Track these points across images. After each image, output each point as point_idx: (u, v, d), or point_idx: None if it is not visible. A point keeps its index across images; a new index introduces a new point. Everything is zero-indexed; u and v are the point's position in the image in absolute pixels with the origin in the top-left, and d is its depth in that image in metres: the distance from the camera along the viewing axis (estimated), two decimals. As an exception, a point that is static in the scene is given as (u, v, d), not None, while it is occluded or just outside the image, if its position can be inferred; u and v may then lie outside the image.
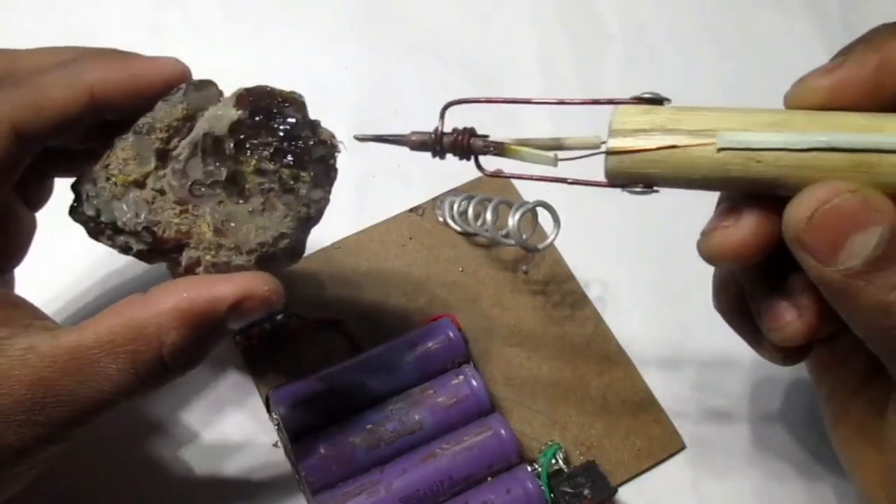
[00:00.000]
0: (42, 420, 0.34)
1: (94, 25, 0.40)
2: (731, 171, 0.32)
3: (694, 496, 0.46)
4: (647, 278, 0.53)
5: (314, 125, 0.39)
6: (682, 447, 0.47)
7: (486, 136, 0.37)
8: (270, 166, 0.38)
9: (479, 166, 0.38)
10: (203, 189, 0.38)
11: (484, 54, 0.63)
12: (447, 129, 0.38)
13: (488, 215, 0.49)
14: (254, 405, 0.47)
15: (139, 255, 0.39)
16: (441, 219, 0.53)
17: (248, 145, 0.38)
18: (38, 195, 0.43)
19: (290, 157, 0.38)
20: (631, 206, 0.54)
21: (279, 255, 0.38)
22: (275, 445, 0.46)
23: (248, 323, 0.37)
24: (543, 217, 0.50)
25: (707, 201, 0.50)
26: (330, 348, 0.49)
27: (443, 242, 0.53)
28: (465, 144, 0.37)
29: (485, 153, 0.37)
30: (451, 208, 0.53)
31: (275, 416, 0.45)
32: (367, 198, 0.55)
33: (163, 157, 0.38)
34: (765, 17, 0.65)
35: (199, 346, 0.36)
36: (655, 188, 0.34)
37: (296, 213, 0.38)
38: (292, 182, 0.38)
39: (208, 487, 0.45)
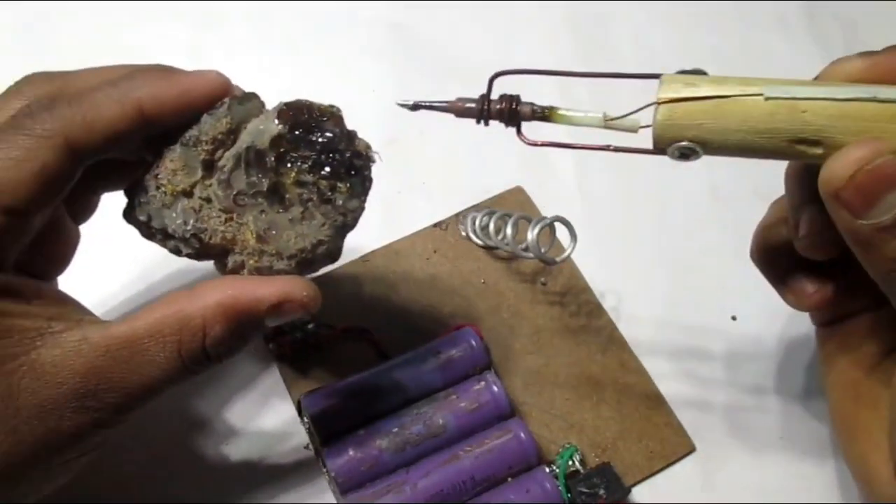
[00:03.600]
0: (95, 406, 0.36)
1: (138, 48, 0.42)
2: (778, 121, 0.33)
3: (703, 496, 0.47)
4: (660, 290, 0.54)
5: (351, 137, 0.39)
6: (693, 449, 0.48)
7: (534, 104, 0.37)
8: (309, 178, 0.39)
9: (519, 133, 0.37)
10: (246, 199, 0.39)
11: (504, 77, 0.63)
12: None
13: (508, 230, 0.50)
14: (286, 409, 0.48)
15: (189, 257, 0.40)
16: (464, 233, 0.54)
17: (288, 158, 0.39)
18: (85, 209, 0.44)
19: (327, 170, 0.39)
20: (644, 221, 0.56)
21: (318, 259, 0.40)
22: (306, 447, 0.47)
23: (284, 322, 0.39)
24: (561, 232, 0.50)
25: (718, 218, 0.52)
26: (358, 356, 0.49)
27: (465, 255, 0.54)
28: (512, 109, 0.37)
29: (531, 119, 0.37)
30: (474, 223, 0.53)
31: (306, 420, 0.45)
32: (393, 213, 0.55)
33: (209, 167, 0.39)
34: (770, 40, 0.66)
35: (239, 339, 0.38)
36: (700, 150, 0.34)
37: (333, 221, 0.39)
38: (329, 193, 0.39)
39: (244, 485, 0.46)
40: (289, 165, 0.39)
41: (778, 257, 0.41)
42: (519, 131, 0.37)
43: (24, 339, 0.35)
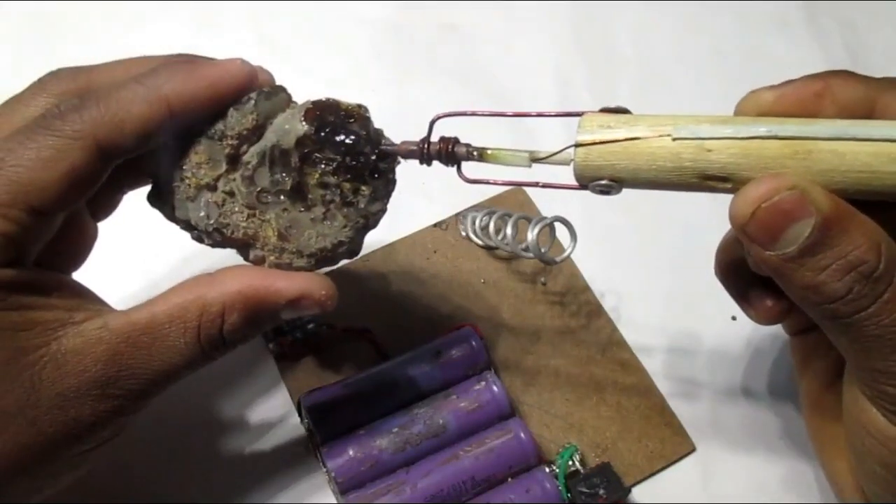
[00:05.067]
0: (116, 393, 0.36)
1: (139, 48, 0.42)
2: (684, 160, 0.34)
3: (703, 496, 0.47)
4: (660, 289, 0.54)
5: (377, 139, 0.39)
6: (693, 449, 0.48)
7: (469, 145, 0.38)
8: (333, 180, 0.39)
9: (460, 173, 0.39)
10: (269, 196, 0.39)
11: (504, 78, 0.63)
12: (434, 140, 0.39)
13: (508, 230, 0.50)
14: (286, 409, 0.48)
15: (212, 246, 0.41)
16: (464, 233, 0.54)
17: (313, 159, 0.39)
18: (107, 207, 0.44)
19: (351, 172, 0.39)
20: (644, 221, 0.56)
21: (338, 258, 0.40)
22: (306, 447, 0.47)
23: (299, 315, 0.39)
24: (561, 232, 0.50)
25: (717, 215, 0.52)
26: (358, 356, 0.49)
27: (465, 255, 0.54)
28: (449, 151, 0.38)
29: (468, 159, 0.38)
30: (473, 223, 0.53)
31: (306, 420, 0.46)
32: (393, 213, 0.53)
33: (233, 160, 0.39)
34: (770, 42, 0.66)
35: (254, 327, 0.38)
36: (617, 186, 0.35)
37: (354, 224, 0.39)
38: (352, 195, 0.39)
39: (243, 485, 0.46)
40: (313, 166, 0.39)
41: (738, 273, 0.41)
42: (459, 170, 0.39)
43: (47, 331, 0.35)
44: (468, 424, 0.45)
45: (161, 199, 0.41)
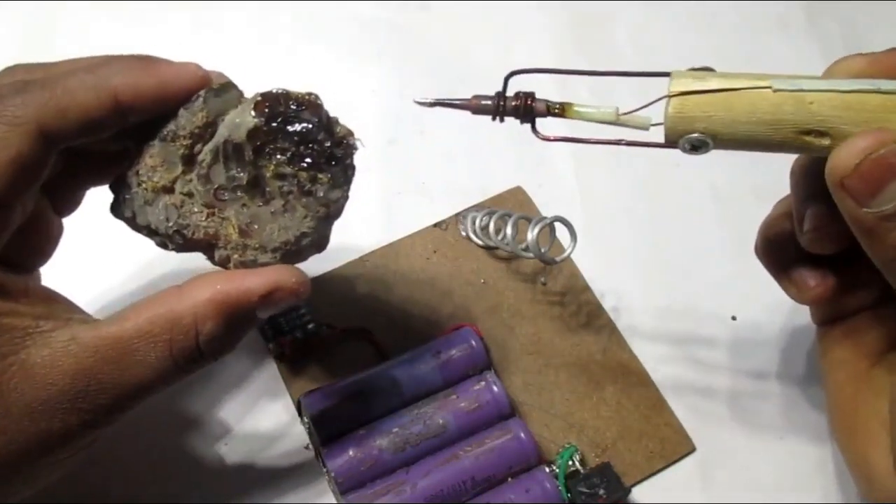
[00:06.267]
0: (85, 407, 0.35)
1: (138, 49, 0.42)
2: (785, 113, 0.33)
3: (703, 496, 0.47)
4: (660, 290, 0.54)
5: (331, 126, 0.39)
6: (693, 449, 0.48)
7: (549, 100, 0.37)
8: (289, 170, 0.38)
9: (534, 129, 0.38)
10: (227, 193, 0.39)
11: (504, 77, 0.64)
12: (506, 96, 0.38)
13: (508, 230, 0.50)
14: (286, 409, 0.48)
15: (176, 251, 0.40)
16: (464, 233, 0.54)
17: (266, 150, 0.38)
18: (70, 203, 0.43)
19: (306, 161, 0.38)
20: (644, 221, 0.56)
21: (303, 250, 0.39)
22: (306, 447, 0.47)
23: (276, 312, 0.39)
24: (561, 232, 0.50)
25: (718, 215, 0.52)
26: (358, 356, 0.49)
27: (465, 255, 0.54)
28: (527, 105, 0.37)
29: (546, 115, 0.37)
30: (473, 223, 0.53)
31: (306, 420, 0.46)
32: (393, 213, 0.55)
33: (189, 161, 0.39)
34: (770, 40, 0.66)
35: (232, 333, 0.37)
36: (710, 143, 0.35)
37: (315, 213, 0.39)
38: (310, 184, 0.38)
39: (243, 485, 0.46)
40: (267, 158, 0.38)
41: (781, 251, 0.42)
42: (534, 128, 0.38)
43: (14, 339, 0.35)
44: (468, 424, 0.45)
45: (121, 208, 0.40)
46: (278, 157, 0.38)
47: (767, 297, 0.46)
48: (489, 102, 0.38)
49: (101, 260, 0.51)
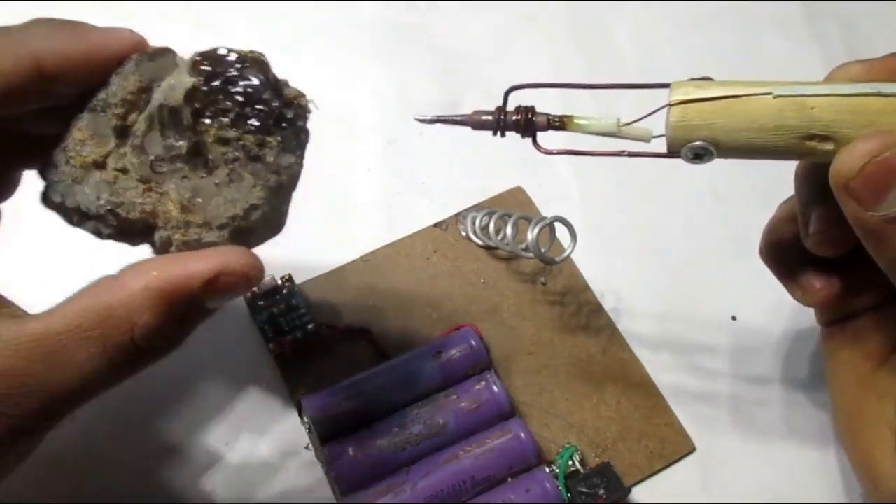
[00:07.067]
0: (10, 412, 0.31)
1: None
2: (787, 118, 0.33)
3: (703, 496, 0.47)
4: (660, 290, 0.54)
5: (279, 86, 0.35)
6: (693, 449, 0.48)
7: (549, 114, 0.37)
8: (233, 134, 0.34)
9: (535, 144, 0.38)
10: (164, 165, 0.35)
11: (504, 78, 0.62)
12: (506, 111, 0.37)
13: (508, 230, 0.50)
14: (286, 410, 0.48)
15: (114, 239, 0.36)
16: (464, 233, 0.54)
17: (207, 113, 0.35)
18: (5, 186, 0.40)
19: (253, 123, 0.34)
20: (644, 221, 0.56)
21: (255, 228, 0.35)
22: (306, 448, 0.47)
23: (228, 301, 0.34)
24: (561, 232, 0.50)
25: (718, 216, 0.52)
26: (358, 356, 0.49)
27: (465, 255, 0.54)
28: (528, 119, 0.37)
29: (547, 129, 0.37)
30: (473, 223, 0.53)
31: (306, 420, 0.46)
32: (393, 213, 0.55)
33: (123, 134, 0.35)
34: (770, 40, 0.66)
35: (176, 326, 0.33)
36: (713, 151, 0.34)
37: (265, 181, 0.35)
38: (258, 149, 0.35)
39: (244, 485, 0.46)
40: (208, 122, 0.35)
41: (786, 253, 0.42)
42: (535, 141, 0.38)
43: None
44: (468, 424, 0.45)
45: (49, 193, 0.36)
46: (221, 119, 0.35)
47: (767, 297, 0.46)
48: (489, 118, 0.38)
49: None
